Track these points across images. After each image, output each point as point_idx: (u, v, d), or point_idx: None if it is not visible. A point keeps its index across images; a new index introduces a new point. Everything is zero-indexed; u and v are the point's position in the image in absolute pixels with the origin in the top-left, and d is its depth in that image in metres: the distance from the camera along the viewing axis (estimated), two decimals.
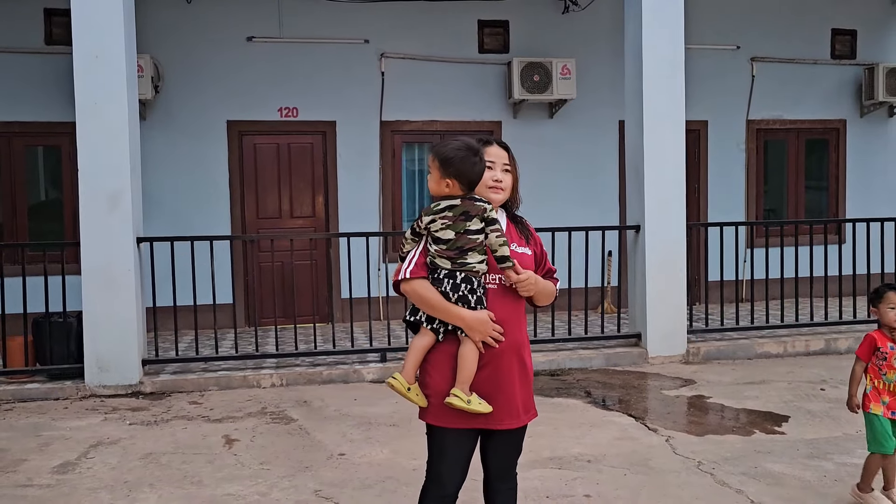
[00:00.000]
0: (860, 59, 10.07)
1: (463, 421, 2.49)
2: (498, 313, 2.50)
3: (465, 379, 2.47)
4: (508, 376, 2.52)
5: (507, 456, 2.66)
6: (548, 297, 2.67)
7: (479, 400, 2.47)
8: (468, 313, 2.46)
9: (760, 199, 10.04)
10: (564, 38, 9.08)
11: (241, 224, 8.52)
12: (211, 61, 8.38)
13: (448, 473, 2.55)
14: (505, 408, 2.51)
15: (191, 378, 6.22)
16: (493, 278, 2.54)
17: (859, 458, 4.17)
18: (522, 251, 2.59)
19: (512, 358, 2.53)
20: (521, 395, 2.56)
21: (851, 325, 7.51)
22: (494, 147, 2.64)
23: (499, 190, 2.59)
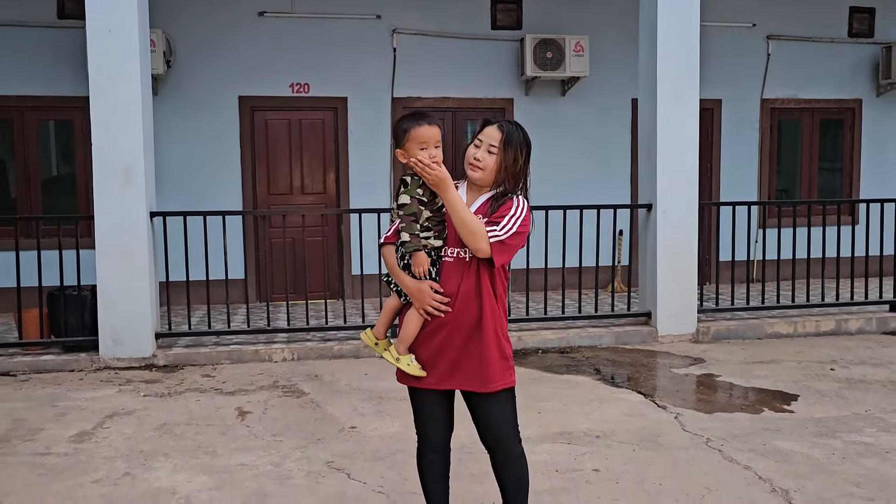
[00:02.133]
0: (878, 38, 9.94)
1: (414, 380, 2.69)
2: (448, 286, 2.59)
3: (402, 339, 2.67)
4: (456, 341, 2.61)
5: (487, 425, 2.70)
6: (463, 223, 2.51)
7: (409, 361, 2.64)
8: (410, 281, 2.61)
9: (773, 179, 9.98)
10: (578, 14, 9.00)
11: (253, 200, 8.55)
12: (222, 36, 8.36)
13: (424, 427, 2.80)
14: (448, 371, 2.64)
15: (203, 351, 6.28)
16: (451, 252, 2.62)
17: (868, 437, 4.20)
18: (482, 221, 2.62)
19: (461, 329, 2.60)
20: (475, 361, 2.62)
21: (863, 305, 7.49)
22: (492, 127, 2.66)
23: (475, 168, 2.65)
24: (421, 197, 2.58)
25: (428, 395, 2.73)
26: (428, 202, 2.59)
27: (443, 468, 2.84)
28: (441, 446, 2.82)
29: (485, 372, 2.64)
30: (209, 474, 3.84)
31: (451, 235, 2.63)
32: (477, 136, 2.68)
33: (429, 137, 2.57)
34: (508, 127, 2.66)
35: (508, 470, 2.74)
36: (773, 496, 3.45)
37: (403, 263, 2.65)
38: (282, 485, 3.70)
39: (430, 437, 2.80)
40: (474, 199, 2.70)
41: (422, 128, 2.56)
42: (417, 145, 2.56)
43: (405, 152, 2.59)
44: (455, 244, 2.62)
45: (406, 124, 2.59)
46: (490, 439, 2.73)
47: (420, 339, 2.66)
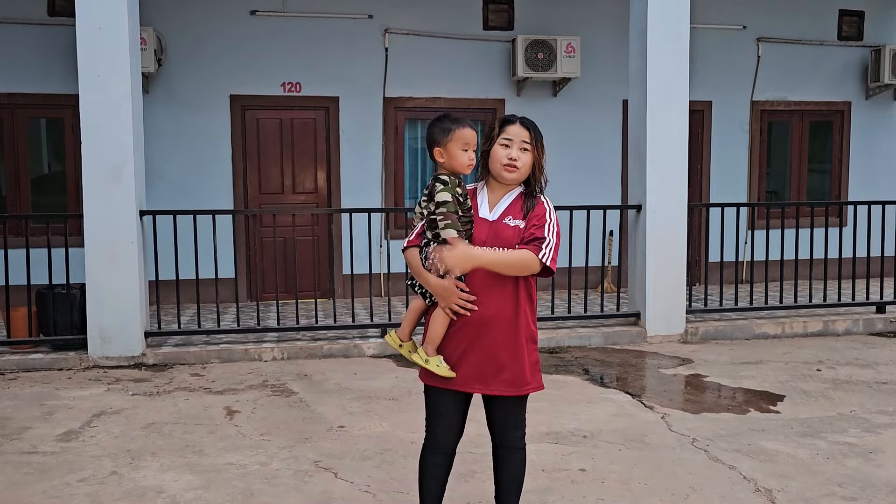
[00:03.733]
0: (867, 41, 10.00)
1: (439, 381, 2.67)
2: (474, 285, 2.59)
3: (430, 340, 2.66)
4: (483, 344, 2.61)
5: (501, 423, 2.76)
6: (511, 268, 2.58)
7: (438, 362, 2.63)
8: (435, 280, 2.61)
9: (763, 180, 10.03)
10: (569, 15, 9.03)
11: (244, 198, 8.55)
12: (214, 35, 8.35)
13: (435, 428, 2.78)
14: (473, 373, 2.63)
15: (193, 350, 6.28)
16: None
17: (852, 438, 4.24)
18: (516, 224, 2.64)
19: (490, 327, 2.61)
20: (501, 365, 2.63)
21: (850, 307, 7.55)
22: (515, 126, 2.68)
23: (512, 169, 2.65)
24: (459, 196, 2.61)
25: (445, 395, 2.71)
26: (462, 202, 2.62)
27: (444, 471, 2.84)
28: (447, 448, 2.81)
29: (515, 375, 2.66)
30: (196, 473, 3.85)
31: (477, 235, 2.63)
32: (501, 136, 2.67)
33: (472, 139, 2.63)
34: (530, 123, 2.71)
35: (509, 466, 2.80)
36: (756, 496, 3.48)
37: (429, 263, 2.62)
38: (269, 484, 3.71)
39: (438, 438, 2.79)
40: (499, 197, 2.71)
41: (466, 129, 2.62)
42: (461, 146, 2.61)
43: (444, 151, 2.62)
44: (482, 244, 2.62)
45: (449, 124, 2.62)
46: (499, 434, 2.78)
47: (446, 340, 2.66)
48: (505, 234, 2.62)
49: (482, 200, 2.71)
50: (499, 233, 2.63)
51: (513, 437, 2.78)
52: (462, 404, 2.75)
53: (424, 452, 2.84)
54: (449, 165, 2.64)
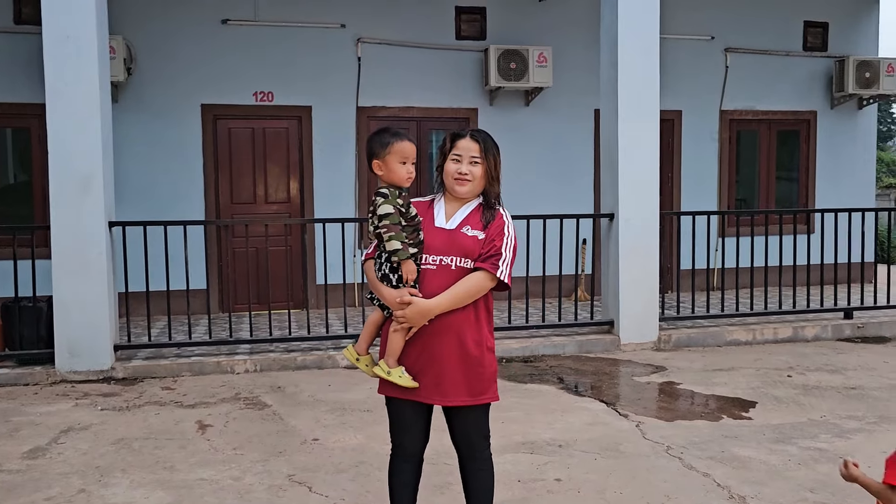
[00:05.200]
0: (831, 52, 10.22)
1: (398, 392, 2.68)
2: (430, 294, 2.61)
3: (391, 352, 2.66)
4: (439, 355, 2.63)
5: (464, 434, 2.77)
6: (469, 297, 2.63)
7: (401, 373, 2.64)
8: (386, 291, 2.64)
9: (732, 188, 10.18)
10: (541, 26, 9.10)
11: (216, 209, 8.46)
12: (185, 44, 8.27)
13: (398, 437, 2.80)
14: (433, 384, 2.64)
15: (163, 364, 6.18)
16: (433, 259, 2.65)
17: (823, 443, 4.30)
18: (474, 234, 2.66)
19: (445, 338, 2.63)
20: (458, 375, 2.64)
21: (819, 313, 7.66)
22: (465, 140, 2.72)
23: (464, 182, 2.69)
24: (401, 207, 2.63)
25: (407, 405, 2.73)
26: (405, 212, 2.64)
27: (413, 478, 2.84)
28: (414, 457, 2.82)
29: (473, 384, 2.67)
30: (167, 490, 3.78)
31: (433, 243, 2.66)
32: (451, 152, 2.72)
33: (410, 153, 2.66)
34: (482, 135, 2.73)
35: (477, 475, 2.79)
36: (731, 503, 3.50)
37: (381, 274, 2.67)
38: (242, 499, 3.66)
39: (404, 447, 2.81)
40: (455, 209, 2.74)
41: (405, 143, 2.65)
42: (399, 158, 2.64)
43: (383, 164, 2.64)
44: (438, 252, 2.65)
45: (388, 138, 2.66)
46: (463, 445, 2.78)
47: (406, 351, 2.67)
48: (465, 243, 2.66)
49: (439, 210, 2.75)
50: (458, 242, 2.66)
51: (477, 447, 2.79)
52: (425, 413, 2.78)
53: (392, 463, 2.86)
54: (388, 178, 2.66)
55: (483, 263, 2.64)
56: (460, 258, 2.64)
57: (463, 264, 2.65)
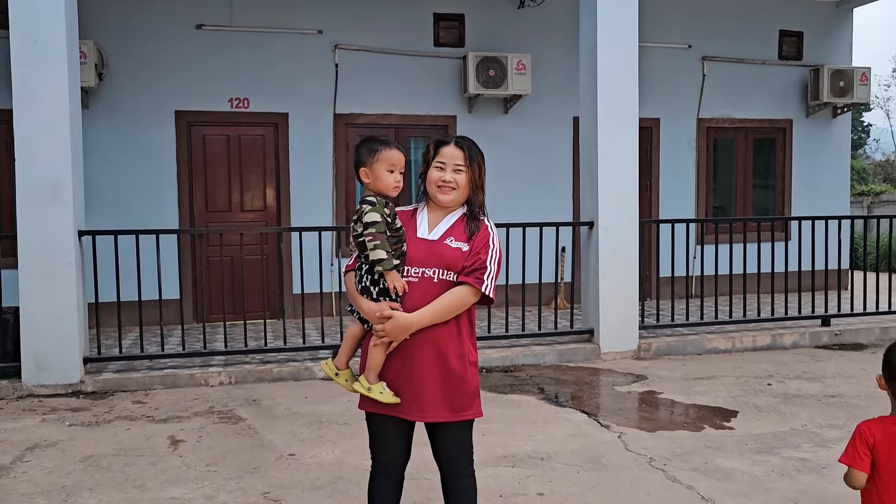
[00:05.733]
0: (806, 61, 10.32)
1: (378, 407, 2.59)
2: (411, 306, 2.53)
3: (371, 367, 2.58)
4: (419, 370, 2.55)
5: (446, 450, 2.68)
6: (451, 312, 2.54)
7: (382, 389, 2.56)
8: (365, 304, 2.57)
9: (710, 196, 10.22)
10: (520, 33, 9.08)
11: (190, 217, 8.30)
12: (158, 49, 8.13)
13: (379, 453, 2.70)
14: (413, 400, 2.56)
15: (135, 377, 6.02)
16: (415, 271, 2.57)
17: (805, 453, 4.27)
18: (458, 246, 2.59)
19: (426, 352, 2.55)
20: (440, 390, 2.56)
21: (797, 320, 7.69)
22: (449, 147, 2.64)
23: (447, 190, 2.62)
24: (387, 217, 2.55)
25: (388, 421, 2.63)
26: (391, 223, 2.56)
27: (393, 496, 2.75)
28: (395, 474, 2.73)
29: (456, 400, 2.58)
30: None
31: (415, 255, 2.58)
32: (435, 159, 2.63)
33: (398, 161, 2.60)
34: (467, 143, 2.65)
35: (459, 493, 2.70)
36: None
37: (361, 287, 2.59)
38: None
39: (385, 464, 2.71)
40: (438, 219, 2.65)
41: (393, 151, 2.60)
42: (387, 167, 2.58)
43: (370, 171, 2.58)
44: (420, 264, 2.57)
45: (376, 145, 2.60)
46: (445, 462, 2.69)
47: (386, 366, 2.59)
48: (448, 255, 2.57)
49: (422, 221, 2.67)
50: (440, 253, 2.58)
51: (459, 465, 2.69)
52: (406, 429, 2.69)
53: (372, 480, 2.76)
54: (374, 186, 2.60)
55: (467, 277, 2.56)
56: (443, 270, 2.56)
57: (446, 277, 2.56)
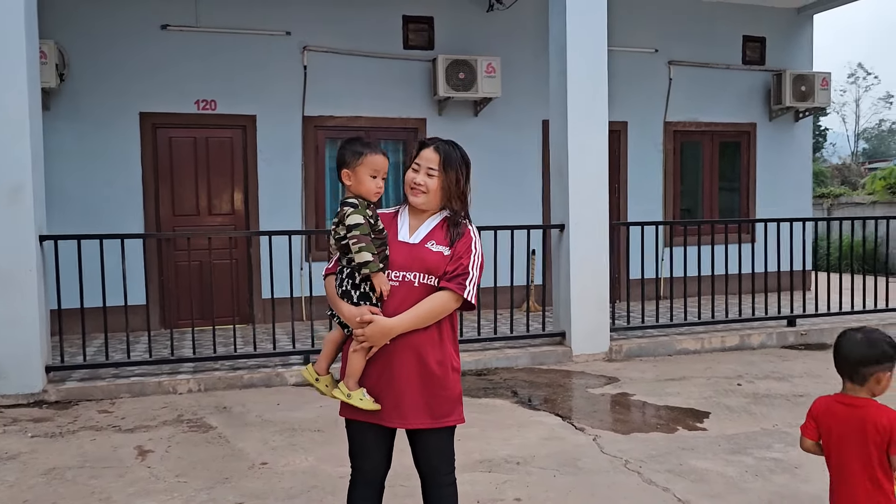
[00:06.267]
0: (769, 66, 10.51)
1: (358, 414, 2.55)
2: (392, 311, 2.49)
3: (350, 373, 2.53)
4: (400, 376, 2.51)
5: (427, 458, 2.63)
6: (433, 318, 2.50)
7: (362, 395, 2.51)
8: (346, 308, 2.52)
9: (677, 198, 10.34)
10: (489, 36, 9.09)
11: (156, 221, 8.13)
12: (122, 49, 7.96)
13: (358, 461, 2.65)
14: (393, 407, 2.52)
15: (100, 385, 5.86)
16: (395, 275, 2.52)
17: (777, 453, 4.32)
18: (439, 250, 2.55)
19: (406, 358, 2.50)
20: (420, 397, 2.52)
21: (763, 321, 7.80)
22: (428, 150, 2.60)
23: (417, 193, 2.58)
24: (370, 218, 2.51)
25: (368, 429, 2.58)
26: (373, 224, 2.52)
27: None
28: (375, 482, 2.67)
29: (437, 407, 2.54)
30: None
31: (395, 258, 2.53)
32: (414, 160, 2.60)
33: (381, 166, 2.56)
34: (446, 148, 2.59)
35: (439, 500, 2.65)
36: None
37: (342, 291, 2.54)
38: None
39: (365, 472, 2.65)
40: (420, 222, 2.61)
41: (378, 156, 2.56)
42: (370, 171, 2.54)
43: (353, 174, 2.54)
44: (401, 267, 2.52)
45: (361, 148, 2.55)
46: (426, 470, 2.65)
47: (366, 372, 2.54)
48: (429, 259, 2.53)
49: (402, 224, 2.62)
50: (421, 257, 2.53)
51: (440, 472, 2.65)
52: (387, 437, 2.63)
53: (352, 488, 2.70)
54: (356, 189, 2.55)
55: (449, 283, 2.52)
56: (424, 274, 2.51)
57: (426, 281, 2.52)
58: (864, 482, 2.38)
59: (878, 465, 2.36)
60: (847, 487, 2.42)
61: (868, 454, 2.36)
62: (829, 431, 2.47)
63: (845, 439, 2.41)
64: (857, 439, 2.38)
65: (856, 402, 2.42)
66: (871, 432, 2.35)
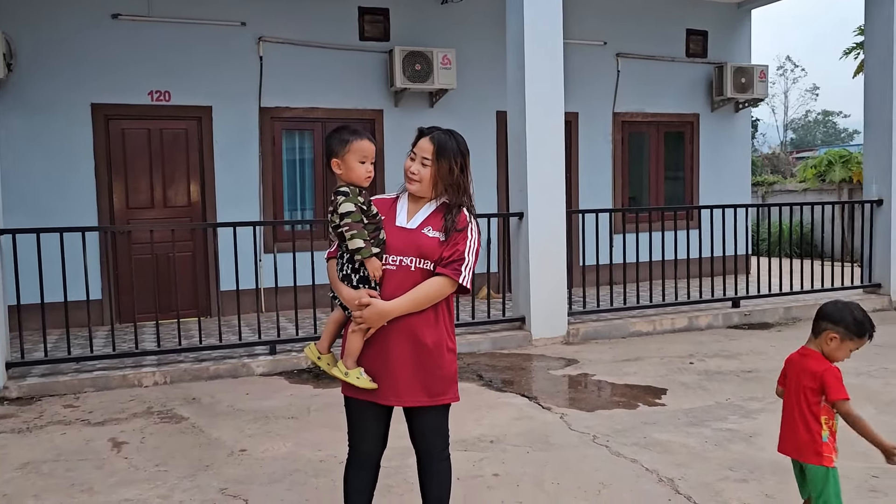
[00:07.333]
0: (711, 58, 10.92)
1: (357, 392, 2.66)
2: (389, 294, 2.58)
3: (349, 352, 2.64)
4: (396, 356, 2.60)
5: (423, 435, 2.74)
6: (428, 302, 2.60)
7: (359, 374, 2.63)
8: (345, 291, 2.62)
9: (626, 187, 10.68)
10: (444, 28, 9.20)
11: (109, 214, 8.00)
12: (72, 39, 7.78)
13: (356, 439, 2.75)
14: (390, 386, 2.62)
15: (63, 380, 5.79)
16: (392, 259, 2.61)
17: (733, 424, 4.60)
18: (435, 235, 2.62)
19: (403, 339, 2.60)
20: (416, 376, 2.62)
21: (710, 303, 8.17)
22: (424, 139, 2.67)
23: (412, 181, 2.67)
24: (362, 205, 2.59)
25: (366, 407, 2.68)
26: (366, 210, 2.60)
27: (369, 484, 2.81)
28: (372, 462, 2.79)
29: (432, 385, 2.64)
30: None
31: (393, 243, 2.62)
32: (413, 148, 2.68)
33: (369, 152, 2.63)
34: (441, 137, 2.65)
35: (435, 476, 2.77)
36: (661, 486, 3.69)
37: (342, 275, 2.63)
38: None
39: (362, 452, 2.76)
40: (418, 208, 2.70)
41: (365, 141, 2.62)
42: (358, 157, 2.61)
43: (342, 162, 2.61)
44: (398, 252, 2.61)
45: (347, 136, 2.61)
46: (422, 446, 2.76)
47: (365, 352, 2.64)
48: (425, 244, 2.61)
49: (401, 209, 2.71)
50: (418, 242, 2.62)
51: (436, 449, 2.77)
52: (384, 416, 2.73)
53: (348, 467, 2.80)
54: (346, 177, 2.63)
55: (445, 269, 2.60)
56: (420, 259, 2.60)
57: (423, 265, 2.61)
58: (799, 423, 2.71)
59: (808, 407, 2.68)
60: (787, 426, 2.77)
61: (804, 398, 2.69)
62: (786, 377, 2.83)
63: (791, 383, 2.76)
64: (798, 384, 2.71)
65: (808, 352, 2.74)
66: (807, 378, 2.68)
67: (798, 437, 2.71)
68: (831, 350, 2.69)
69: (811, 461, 2.69)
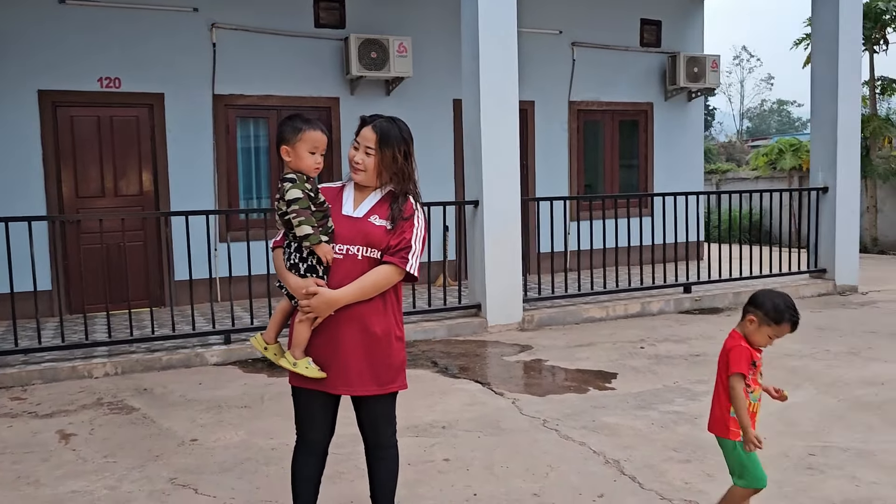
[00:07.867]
0: (664, 48, 11.09)
1: (306, 382, 2.66)
2: (336, 283, 2.59)
3: (296, 343, 2.65)
4: (344, 345, 2.62)
5: (372, 422, 2.77)
6: (376, 290, 2.61)
7: (307, 364, 2.63)
8: (292, 280, 2.62)
9: (581, 175, 10.80)
10: (400, 16, 9.18)
11: (58, 203, 7.83)
12: (16, 24, 7.57)
13: (303, 427, 2.78)
14: (340, 375, 2.63)
15: (10, 372, 5.68)
16: (340, 248, 2.62)
17: (679, 407, 4.73)
18: (382, 224, 2.63)
19: (351, 328, 2.61)
20: (365, 364, 2.64)
21: (662, 289, 8.35)
22: (367, 128, 2.66)
23: (357, 171, 2.67)
24: (309, 192, 2.59)
25: (314, 396, 2.69)
26: (314, 197, 2.60)
27: (317, 471, 2.82)
28: (320, 450, 2.80)
29: (381, 374, 2.67)
30: None
31: (340, 231, 2.62)
32: (356, 137, 2.68)
33: (320, 142, 2.62)
34: (383, 126, 2.63)
35: (384, 465, 2.81)
36: (607, 467, 3.79)
37: (290, 264, 2.63)
38: None
39: (310, 441, 2.78)
40: (364, 197, 2.70)
41: (317, 132, 2.61)
42: (309, 147, 2.61)
43: (292, 150, 2.60)
44: (345, 241, 2.61)
45: (300, 124, 2.60)
46: (370, 434, 2.79)
47: (313, 341, 2.64)
48: (371, 233, 2.62)
49: (347, 198, 2.70)
50: (365, 231, 2.62)
51: (385, 436, 2.80)
52: (332, 404, 2.75)
53: (296, 455, 2.81)
54: (295, 165, 2.62)
55: (392, 257, 2.61)
56: (367, 248, 2.61)
57: (369, 254, 2.62)
58: (714, 399, 2.85)
59: (721, 384, 2.82)
60: (713, 402, 2.88)
61: (720, 375, 2.83)
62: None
63: (718, 362, 2.88)
64: (719, 363, 2.86)
65: (732, 333, 2.87)
66: (721, 355, 2.83)
67: (713, 412, 2.85)
68: (750, 332, 2.81)
69: (721, 434, 2.83)
